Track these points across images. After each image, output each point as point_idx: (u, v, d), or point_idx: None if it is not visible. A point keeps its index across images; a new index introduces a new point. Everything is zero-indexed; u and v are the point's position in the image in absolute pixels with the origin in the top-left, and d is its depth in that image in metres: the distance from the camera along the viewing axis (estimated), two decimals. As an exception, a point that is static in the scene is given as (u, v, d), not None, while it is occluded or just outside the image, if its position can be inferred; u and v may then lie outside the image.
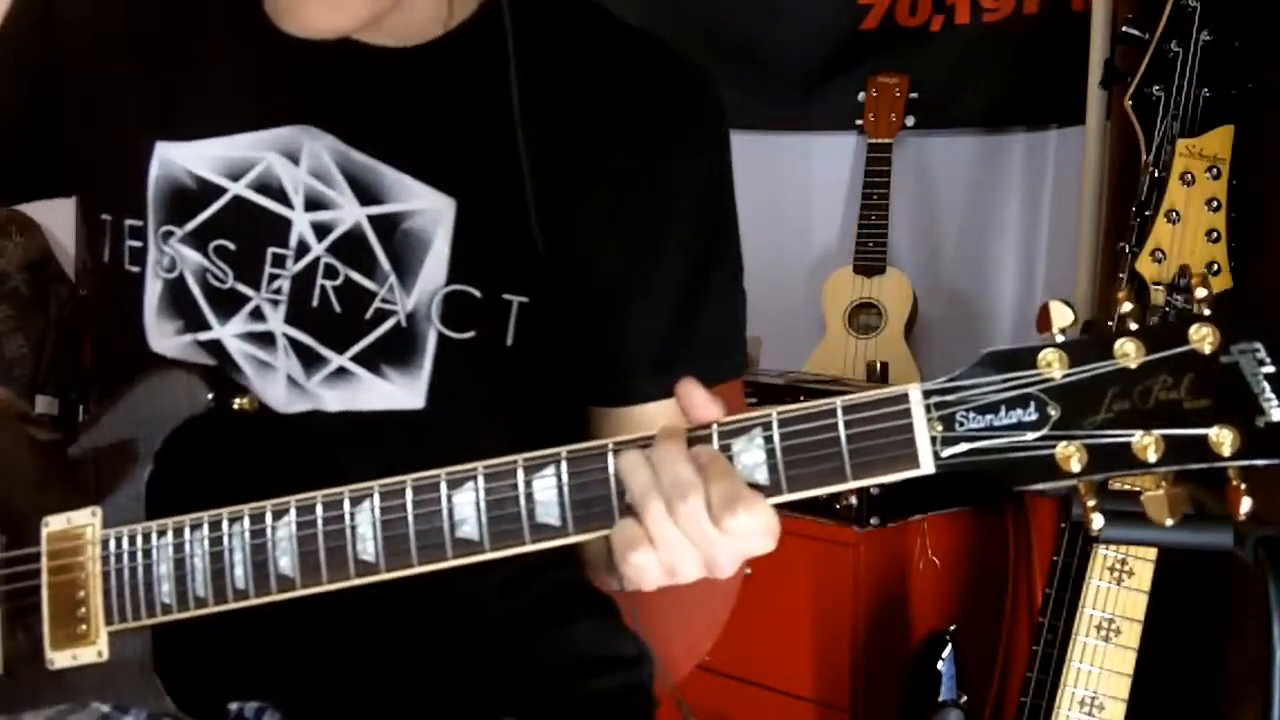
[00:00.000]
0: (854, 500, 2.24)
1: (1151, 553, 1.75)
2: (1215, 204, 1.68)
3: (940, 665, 2.21)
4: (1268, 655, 0.96)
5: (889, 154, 2.72)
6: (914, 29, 2.80)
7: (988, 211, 2.81)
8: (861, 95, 2.78)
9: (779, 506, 0.85)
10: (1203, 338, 0.75)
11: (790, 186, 3.02)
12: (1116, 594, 1.75)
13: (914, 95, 2.74)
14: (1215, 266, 1.67)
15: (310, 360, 1.07)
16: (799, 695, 2.34)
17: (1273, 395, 0.73)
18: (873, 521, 2.26)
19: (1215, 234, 1.68)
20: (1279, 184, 1.81)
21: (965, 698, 2.20)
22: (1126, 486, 1.76)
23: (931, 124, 2.77)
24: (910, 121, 2.73)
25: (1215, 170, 1.69)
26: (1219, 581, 1.98)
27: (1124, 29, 1.91)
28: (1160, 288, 1.70)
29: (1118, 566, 1.75)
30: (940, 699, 2.20)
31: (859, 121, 2.78)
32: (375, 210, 1.06)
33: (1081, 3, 2.53)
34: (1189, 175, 1.70)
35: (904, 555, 2.33)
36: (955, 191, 2.85)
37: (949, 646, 2.22)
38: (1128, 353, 0.77)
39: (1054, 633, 1.84)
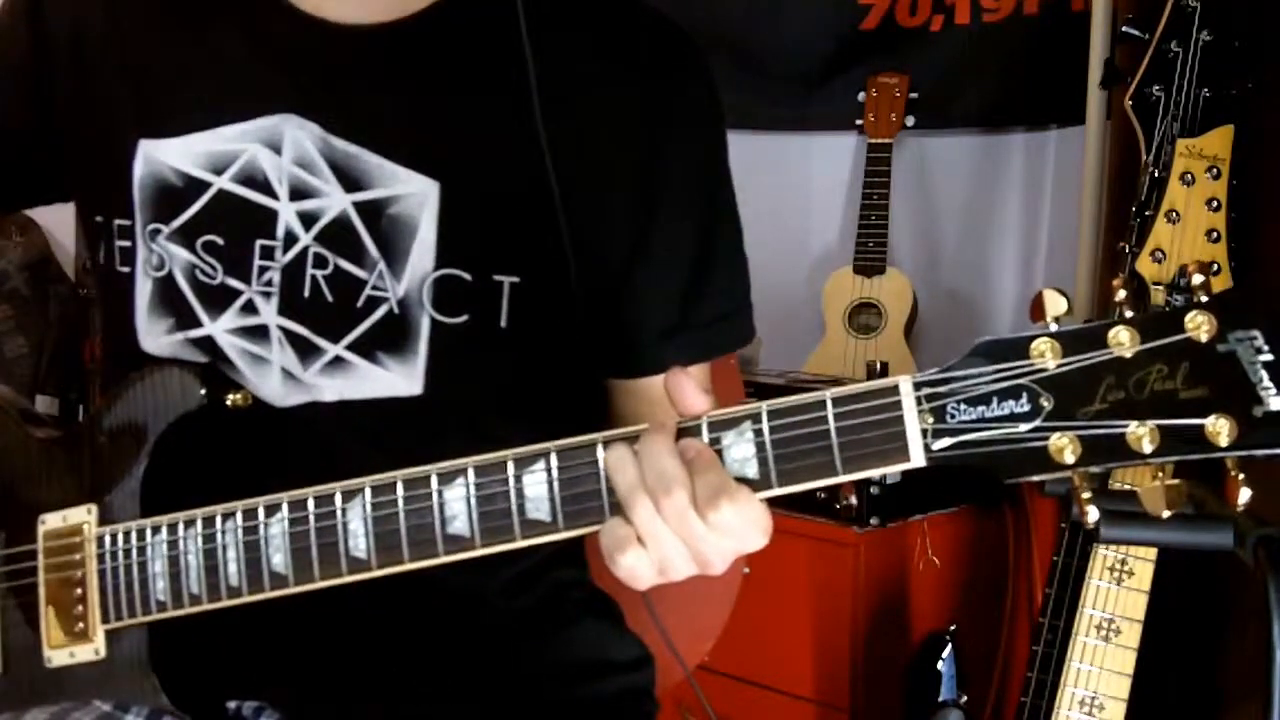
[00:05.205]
0: (854, 500, 2.24)
1: (1151, 553, 1.74)
2: (1215, 204, 1.68)
3: (940, 665, 2.21)
4: (1268, 655, 0.95)
5: (889, 154, 2.72)
6: (914, 29, 2.80)
7: (988, 211, 2.81)
8: (861, 95, 2.78)
9: (779, 504, 0.85)
10: (1198, 326, 0.74)
11: (790, 186, 3.02)
12: (1116, 594, 1.75)
13: (914, 95, 2.74)
14: (1215, 266, 1.67)
15: (306, 351, 1.06)
16: (799, 695, 2.34)
17: (1271, 384, 0.72)
18: (873, 521, 2.25)
19: (1215, 234, 1.68)
20: (1279, 184, 1.81)
21: (965, 698, 2.20)
22: (1127, 486, 1.76)
23: (931, 124, 2.77)
24: (910, 121, 2.73)
25: (1215, 170, 1.69)
26: (1219, 581, 1.98)
27: (1124, 29, 1.90)
28: (1160, 288, 1.69)
29: (1118, 566, 1.75)
30: (940, 699, 2.20)
31: (859, 121, 2.78)
32: (360, 197, 1.06)
33: (1081, 3, 2.53)
34: (1189, 175, 1.69)
35: (904, 555, 2.33)
36: (955, 191, 2.85)
37: (949, 646, 2.22)
38: (1122, 341, 0.75)
39: (1054, 633, 1.84)
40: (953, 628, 2.24)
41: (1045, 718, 1.81)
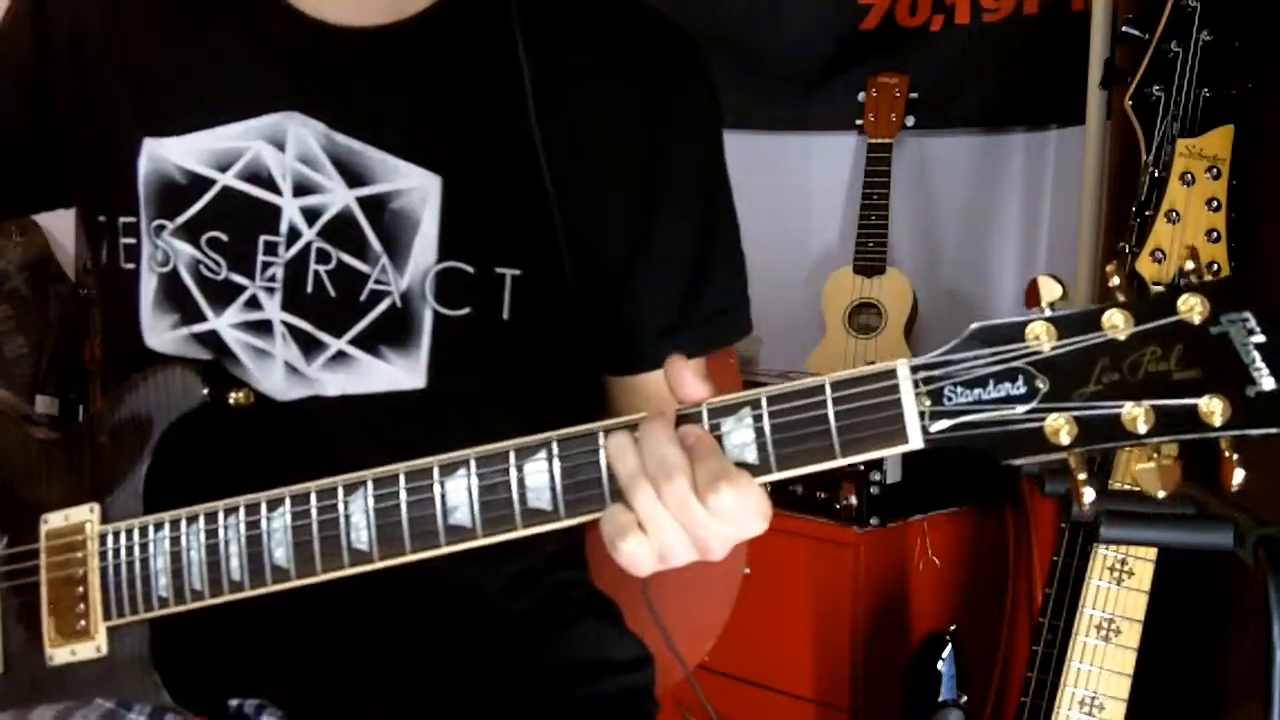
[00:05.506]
0: (854, 500, 2.25)
1: (1151, 553, 1.74)
2: (1215, 204, 1.68)
3: (940, 665, 2.21)
4: (1268, 655, 0.95)
5: (889, 154, 2.72)
6: (914, 29, 2.80)
7: (988, 211, 2.81)
8: (861, 95, 2.78)
9: (779, 505, 0.85)
10: (1191, 308, 0.75)
11: (790, 186, 3.02)
12: (1116, 594, 1.75)
13: (914, 95, 2.74)
14: (1215, 266, 1.67)
15: (309, 346, 1.07)
16: (799, 695, 2.34)
17: (1263, 365, 0.73)
18: (873, 521, 2.26)
19: (1215, 234, 1.68)
20: (1279, 184, 1.81)
21: (965, 698, 2.20)
22: (1127, 486, 1.76)
23: (931, 124, 2.77)
24: (910, 121, 2.74)
25: (1215, 170, 1.69)
26: (1219, 581, 1.98)
27: (1124, 29, 1.91)
28: (1160, 288, 1.69)
29: (1118, 566, 1.75)
30: (940, 699, 2.20)
31: (859, 121, 2.78)
32: (363, 192, 1.06)
33: (1081, 3, 2.53)
34: (1189, 175, 1.70)
35: (904, 555, 2.33)
36: (955, 191, 2.85)
37: (949, 646, 2.22)
38: (1116, 324, 0.76)
39: (1054, 633, 1.84)
40: (953, 628, 2.25)
41: (1045, 718, 1.81)
